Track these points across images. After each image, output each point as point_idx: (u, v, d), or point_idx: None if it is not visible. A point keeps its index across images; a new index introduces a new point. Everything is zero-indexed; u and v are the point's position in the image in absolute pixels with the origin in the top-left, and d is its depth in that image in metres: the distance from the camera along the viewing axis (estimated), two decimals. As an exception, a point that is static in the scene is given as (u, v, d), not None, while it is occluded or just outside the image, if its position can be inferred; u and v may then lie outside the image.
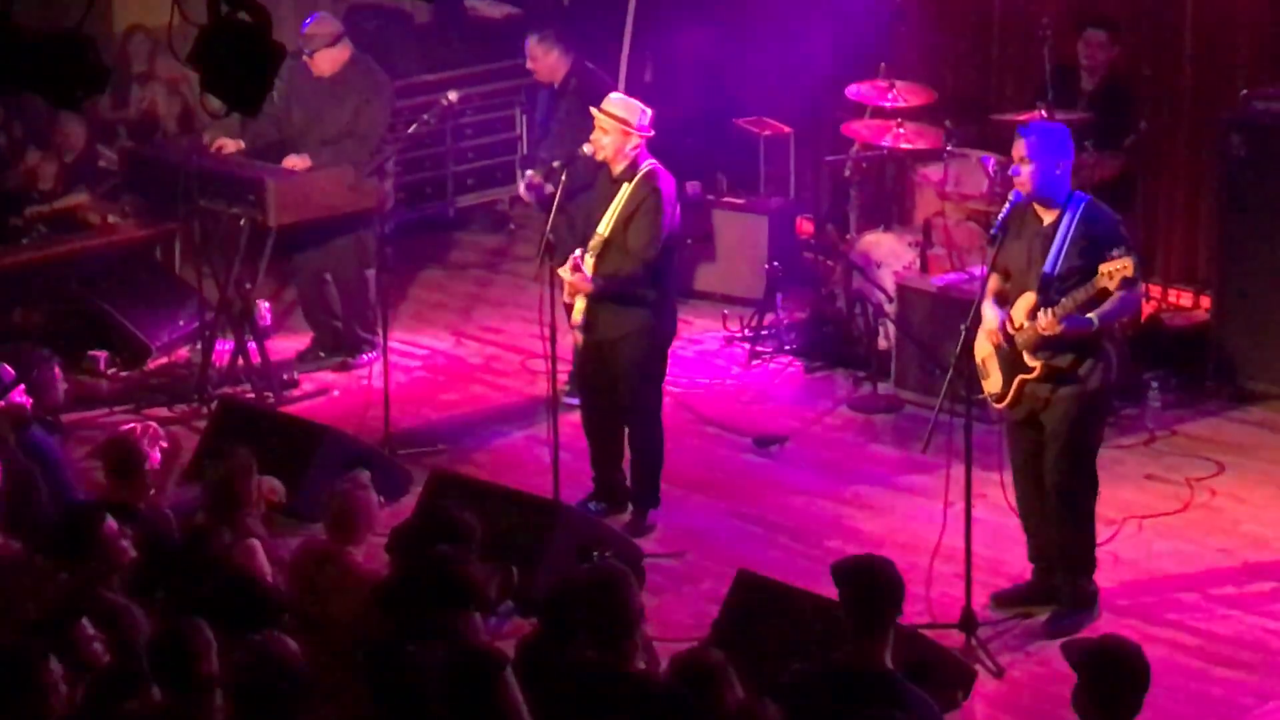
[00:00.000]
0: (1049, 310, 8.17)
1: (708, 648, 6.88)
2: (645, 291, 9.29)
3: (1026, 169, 8.27)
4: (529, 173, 10.80)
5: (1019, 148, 8.31)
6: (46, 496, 8.02)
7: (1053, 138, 8.40)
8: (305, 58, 10.86)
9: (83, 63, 6.31)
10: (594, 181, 9.53)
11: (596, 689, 6.47)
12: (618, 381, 9.43)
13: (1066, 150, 8.38)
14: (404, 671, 6.34)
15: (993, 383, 8.50)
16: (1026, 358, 8.33)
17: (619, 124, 9.30)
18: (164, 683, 6.20)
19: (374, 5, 13.77)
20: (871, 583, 6.57)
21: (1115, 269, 8.02)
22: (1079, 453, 8.45)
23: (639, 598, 6.80)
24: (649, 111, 9.41)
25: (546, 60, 10.81)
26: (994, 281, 8.50)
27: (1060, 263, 8.25)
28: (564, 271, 9.23)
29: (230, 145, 11.26)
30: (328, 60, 11.04)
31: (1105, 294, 8.12)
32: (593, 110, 9.39)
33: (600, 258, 9.27)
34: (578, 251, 9.29)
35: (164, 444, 8.57)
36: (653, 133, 9.36)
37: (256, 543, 7.76)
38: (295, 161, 11.07)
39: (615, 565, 7.03)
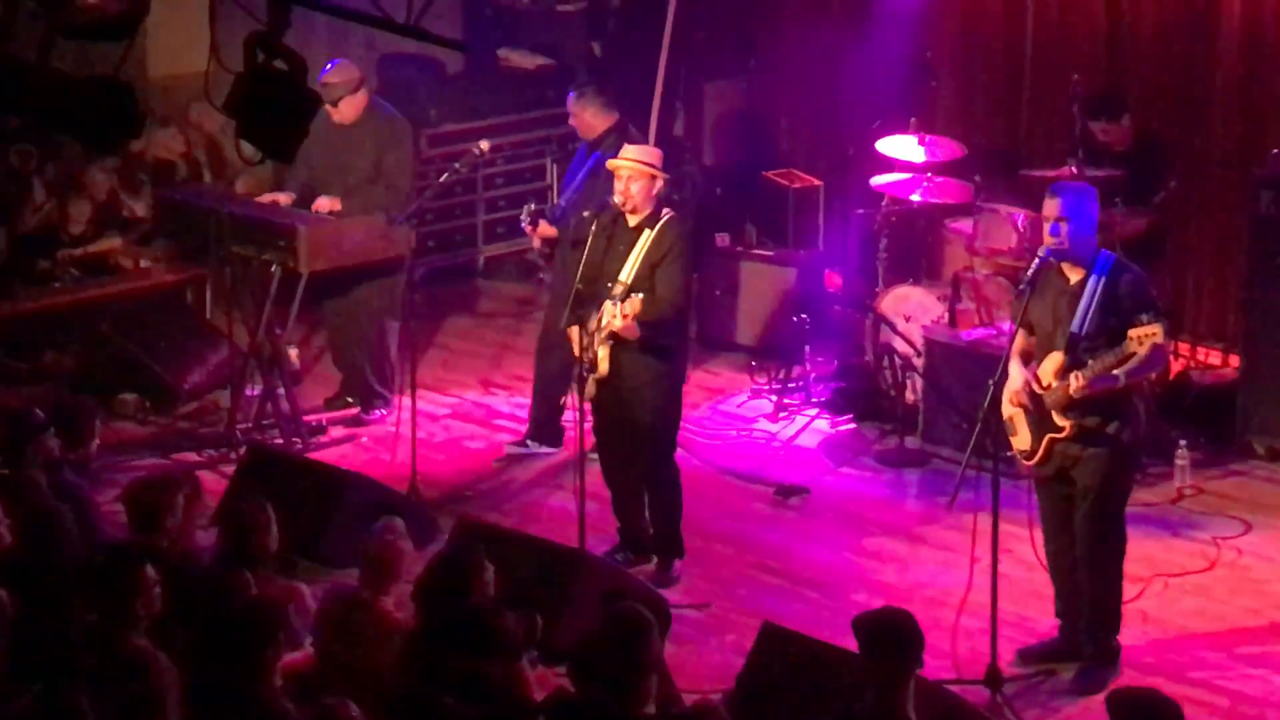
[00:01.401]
0: (1079, 374, 8.17)
1: (709, 703, 6.82)
2: (670, 338, 9.33)
3: (1065, 227, 8.28)
4: (523, 219, 10.74)
5: (1053, 207, 8.31)
6: (77, 539, 8.03)
7: (1084, 196, 8.44)
8: (328, 106, 10.82)
9: (118, 107, 6.35)
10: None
11: None
12: (638, 426, 9.44)
13: (1095, 208, 8.42)
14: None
15: (1021, 440, 8.50)
16: (1056, 418, 8.32)
17: (645, 167, 9.35)
18: None
19: (406, 54, 13.82)
20: (891, 635, 6.58)
21: (1145, 334, 8.02)
22: (1110, 509, 8.44)
23: (658, 643, 6.77)
24: (660, 153, 9.51)
25: (582, 116, 10.74)
26: (1020, 339, 8.50)
27: (1088, 322, 8.25)
28: (614, 320, 9.20)
29: (283, 199, 11.28)
30: (351, 107, 11.06)
31: (1133, 358, 8.13)
32: (611, 164, 9.43)
33: (623, 304, 9.29)
34: (608, 304, 9.29)
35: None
36: (667, 175, 9.45)
37: (303, 587, 7.80)
38: (325, 204, 11.09)
39: (638, 609, 7.01)
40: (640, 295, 9.16)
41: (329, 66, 11.05)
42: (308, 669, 7.48)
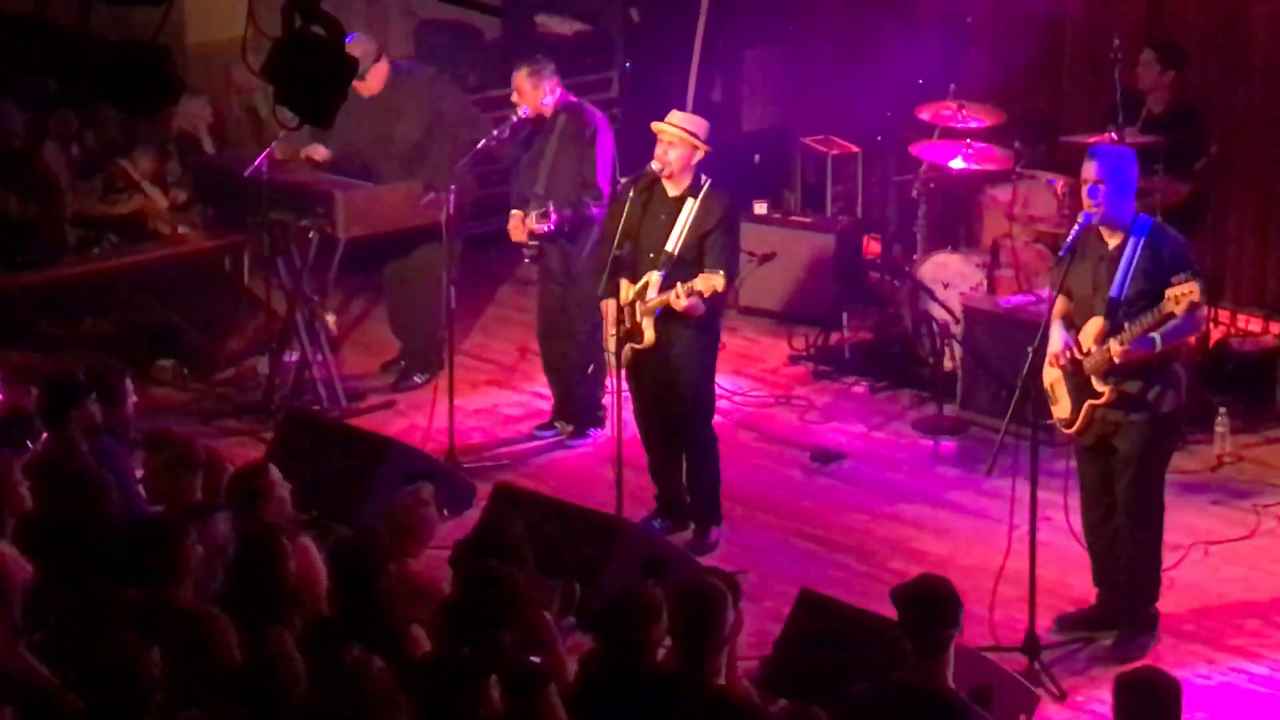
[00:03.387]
0: (1119, 338, 8.14)
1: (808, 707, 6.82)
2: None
3: (1103, 189, 8.24)
4: (549, 208, 10.29)
5: (1091, 169, 8.28)
6: (119, 505, 8.05)
7: (1123, 160, 8.40)
8: (355, 82, 10.68)
9: (157, 74, 6.35)
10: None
11: (677, 703, 6.46)
12: (678, 393, 9.43)
13: (1134, 172, 8.37)
14: (459, 685, 6.34)
15: (1061, 408, 8.47)
16: (1095, 383, 8.29)
17: (687, 135, 9.31)
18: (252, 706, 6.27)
19: (444, 20, 13.80)
20: (929, 603, 6.56)
21: (1182, 294, 7.98)
22: (1151, 477, 8.42)
23: (731, 616, 6.77)
24: (707, 124, 9.44)
25: (538, 91, 10.39)
26: (1060, 304, 8.47)
27: (1127, 287, 8.22)
28: (677, 300, 9.15)
29: (321, 152, 11.27)
30: (376, 78, 11.01)
31: (1171, 318, 8.09)
32: (655, 126, 9.39)
33: (669, 275, 9.27)
34: (654, 274, 9.27)
35: None
36: (710, 147, 9.38)
37: (308, 542, 7.78)
38: (320, 152, 11.10)
39: (714, 581, 6.99)
40: (710, 273, 9.14)
41: (347, 39, 10.98)
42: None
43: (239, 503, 7.83)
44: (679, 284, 9.18)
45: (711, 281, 9.14)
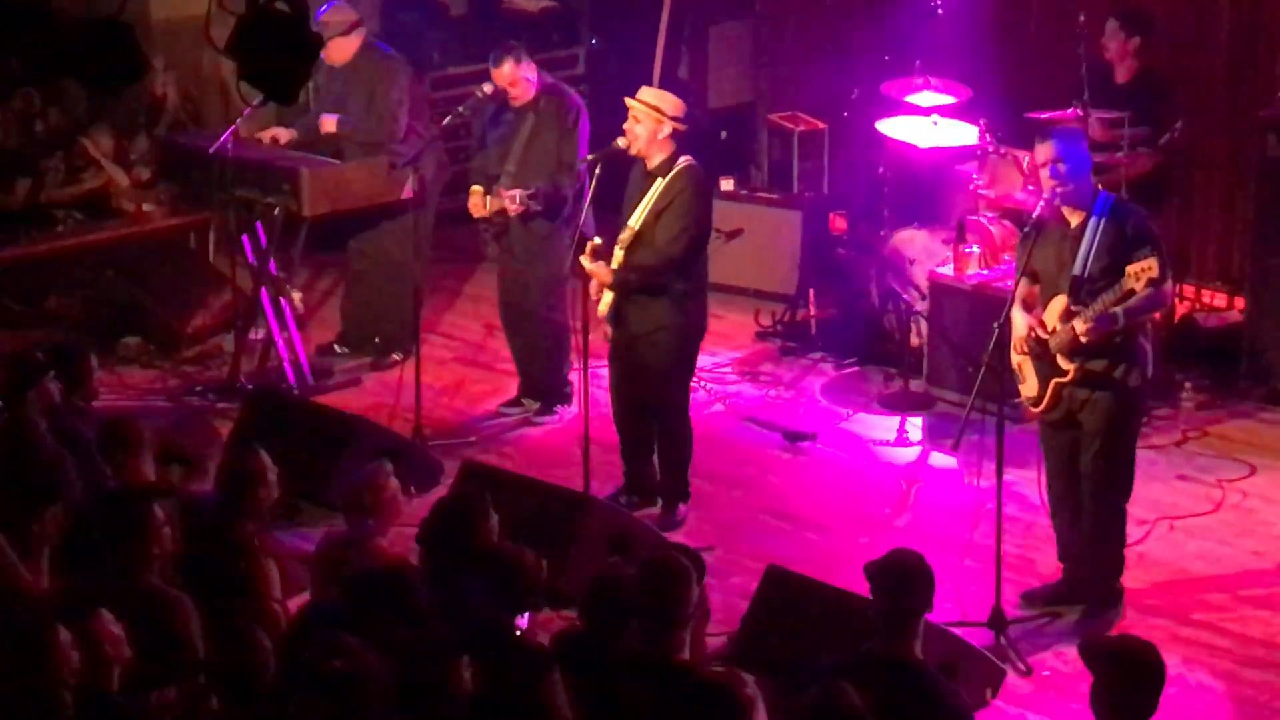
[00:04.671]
0: (1083, 316, 8.16)
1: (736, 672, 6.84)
2: (674, 285, 9.29)
3: (1063, 168, 8.27)
4: (517, 192, 10.24)
5: (1047, 150, 8.30)
6: (79, 484, 8.01)
7: (1075, 137, 8.46)
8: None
9: (121, 50, 6.32)
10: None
11: (641, 680, 6.47)
12: (648, 373, 9.43)
13: (1087, 149, 8.43)
14: (437, 664, 6.33)
15: (1029, 387, 8.49)
16: (1061, 361, 8.31)
17: (651, 110, 9.29)
18: (223, 691, 6.26)
19: (410, -3, 13.79)
20: (904, 577, 6.57)
21: (1141, 269, 8.01)
22: (1118, 452, 8.44)
23: (696, 593, 6.78)
24: (681, 103, 9.41)
25: (518, 78, 10.34)
26: (1023, 286, 8.48)
27: (1090, 264, 8.24)
28: (585, 260, 9.22)
29: (284, 135, 11.25)
30: (339, 49, 10.99)
31: (1132, 295, 8.12)
32: (627, 101, 9.38)
33: (630, 251, 9.28)
34: (597, 239, 9.28)
35: None
36: (685, 125, 9.35)
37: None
38: (280, 134, 11.13)
39: (677, 557, 7.02)
40: (624, 251, 9.14)
41: (326, 6, 11.02)
42: None
43: (230, 488, 7.82)
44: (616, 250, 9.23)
45: (618, 258, 9.16)
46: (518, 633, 6.83)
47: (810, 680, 6.45)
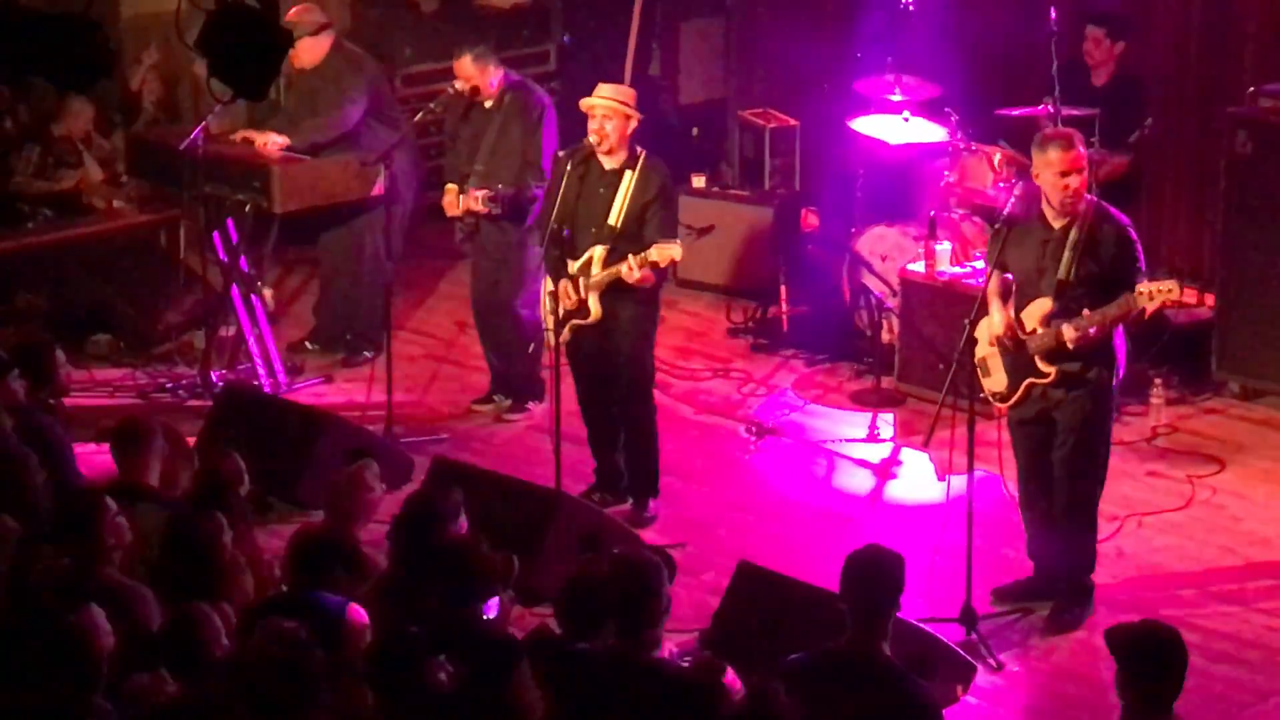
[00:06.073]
0: (1073, 325, 8.14)
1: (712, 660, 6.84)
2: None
3: (1085, 178, 8.26)
4: (499, 191, 10.28)
5: (1079, 159, 8.23)
6: (43, 482, 7.98)
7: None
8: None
9: (90, 46, 6.30)
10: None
11: (615, 678, 6.47)
12: (619, 365, 9.42)
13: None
14: (412, 661, 6.32)
15: (995, 381, 8.49)
16: (1040, 364, 8.31)
17: (621, 106, 9.28)
18: (175, 668, 6.23)
19: (381, -7, 13.76)
20: (875, 572, 6.58)
21: (1158, 290, 7.96)
22: (1089, 448, 8.45)
23: (667, 591, 6.79)
24: (634, 92, 9.44)
25: (484, 75, 10.33)
26: (996, 280, 8.48)
27: (1075, 269, 8.22)
28: (630, 273, 9.10)
29: (257, 137, 11.19)
30: (309, 51, 10.95)
31: (1135, 313, 8.09)
32: (585, 103, 9.34)
33: (612, 249, 9.25)
34: (597, 249, 9.24)
35: None
36: (641, 115, 9.37)
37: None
38: (271, 139, 11.05)
39: (649, 555, 7.02)
40: (665, 244, 9.11)
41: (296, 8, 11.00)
42: None
43: (207, 493, 7.79)
44: (630, 256, 9.15)
45: (668, 252, 9.12)
46: (485, 620, 6.81)
47: (780, 673, 6.47)
